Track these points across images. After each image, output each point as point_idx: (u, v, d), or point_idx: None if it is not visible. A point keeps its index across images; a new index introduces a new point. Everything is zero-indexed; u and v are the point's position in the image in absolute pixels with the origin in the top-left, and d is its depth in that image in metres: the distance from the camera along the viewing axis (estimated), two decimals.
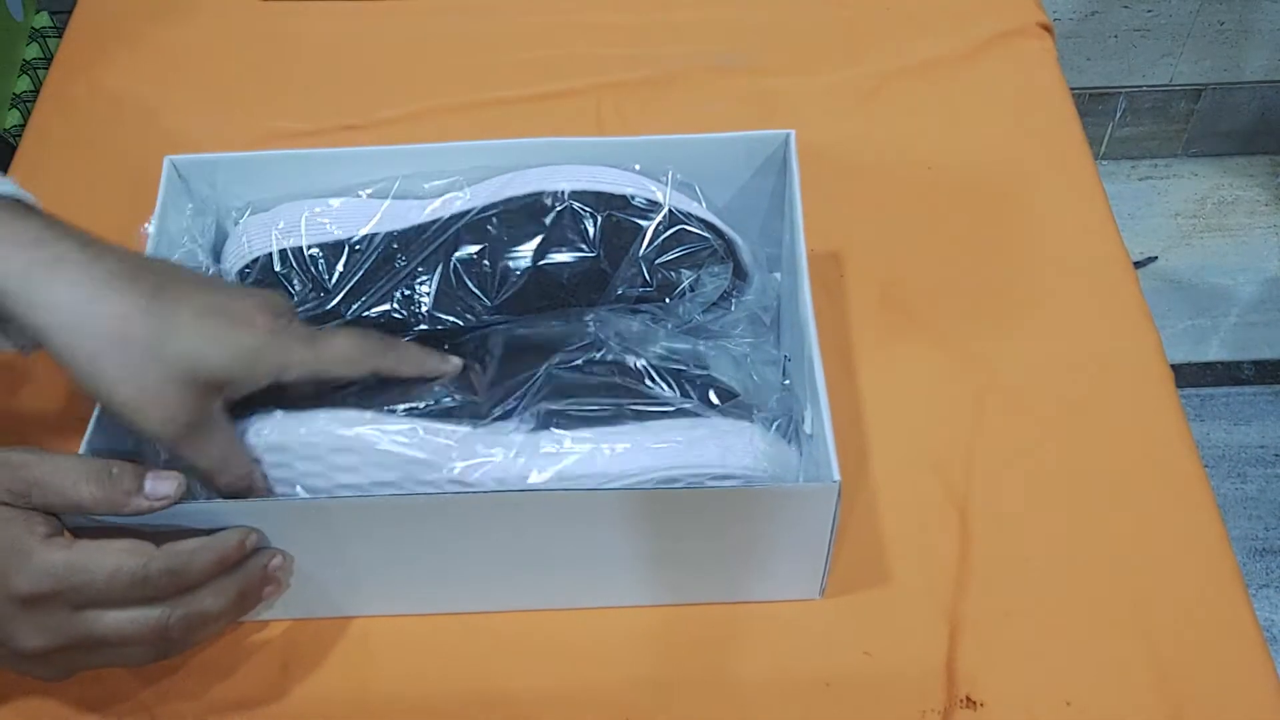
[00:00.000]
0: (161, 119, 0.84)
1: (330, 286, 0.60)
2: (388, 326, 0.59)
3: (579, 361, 0.58)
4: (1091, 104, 1.74)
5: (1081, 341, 0.69)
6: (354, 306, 0.60)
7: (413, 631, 0.58)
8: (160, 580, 0.47)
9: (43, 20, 1.27)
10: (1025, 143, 0.80)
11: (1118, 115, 1.77)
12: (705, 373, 0.60)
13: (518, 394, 0.56)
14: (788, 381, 0.62)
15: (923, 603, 0.59)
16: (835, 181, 0.77)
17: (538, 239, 0.59)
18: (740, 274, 0.63)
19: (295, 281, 0.60)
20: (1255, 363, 1.61)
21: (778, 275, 0.67)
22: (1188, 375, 1.59)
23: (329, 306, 0.60)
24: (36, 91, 1.04)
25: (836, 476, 0.52)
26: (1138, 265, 1.66)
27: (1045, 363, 0.69)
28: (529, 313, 0.60)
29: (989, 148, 0.80)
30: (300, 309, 0.60)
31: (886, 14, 0.89)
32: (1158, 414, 0.66)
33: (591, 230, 0.59)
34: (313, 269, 0.60)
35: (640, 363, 0.58)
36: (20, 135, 0.85)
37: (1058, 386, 0.67)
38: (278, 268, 0.61)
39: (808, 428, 0.58)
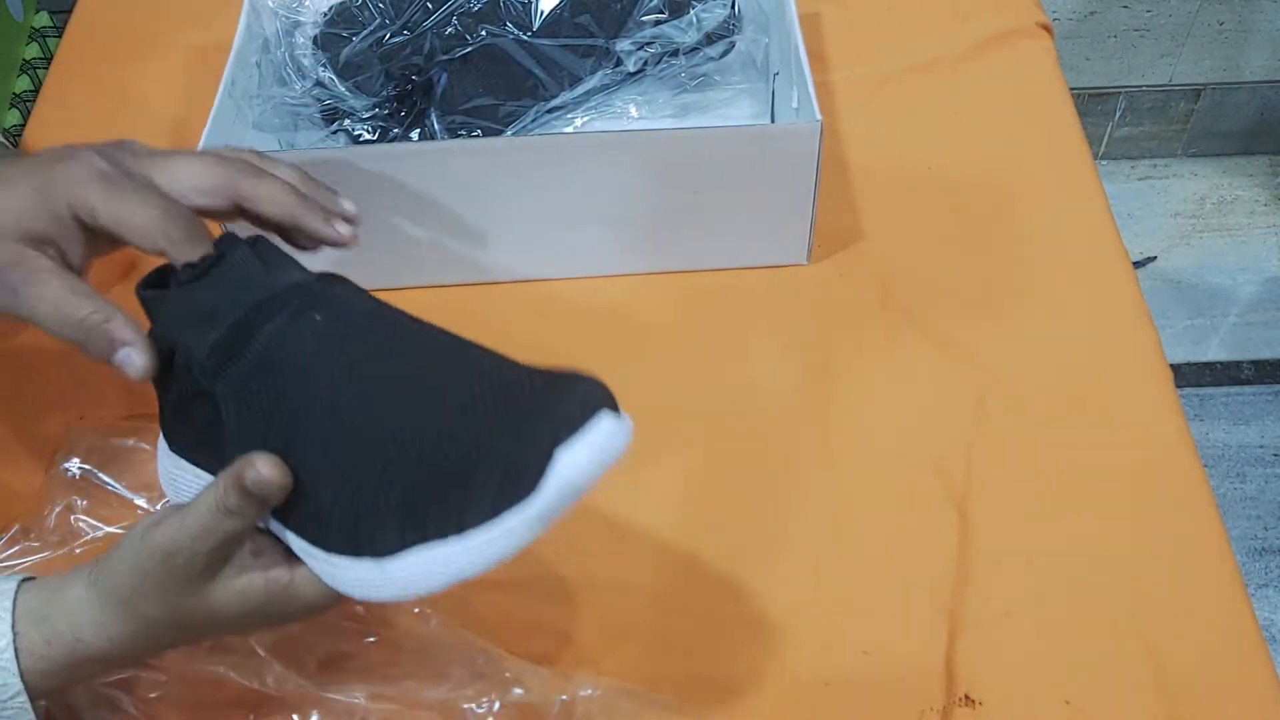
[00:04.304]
0: (162, 119, 0.84)
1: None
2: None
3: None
4: (1091, 104, 1.74)
5: (1081, 341, 0.70)
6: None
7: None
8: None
9: (43, 20, 1.27)
10: (1025, 143, 0.81)
11: (1117, 115, 1.77)
12: None
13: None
14: (777, 72, 0.75)
15: (922, 602, 0.59)
16: (835, 181, 0.78)
17: None
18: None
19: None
20: (1255, 362, 1.61)
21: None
22: (1187, 375, 1.59)
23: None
24: (36, 91, 1.04)
25: (818, 116, 0.60)
26: (1137, 265, 1.66)
27: (1045, 363, 0.69)
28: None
29: (989, 148, 0.80)
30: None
31: (886, 14, 0.89)
32: (1157, 414, 0.66)
33: None
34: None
35: None
36: (20, 135, 0.85)
37: (1057, 386, 0.67)
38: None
39: (794, 104, 0.69)
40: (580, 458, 0.40)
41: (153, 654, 0.50)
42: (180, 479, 0.51)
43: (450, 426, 0.43)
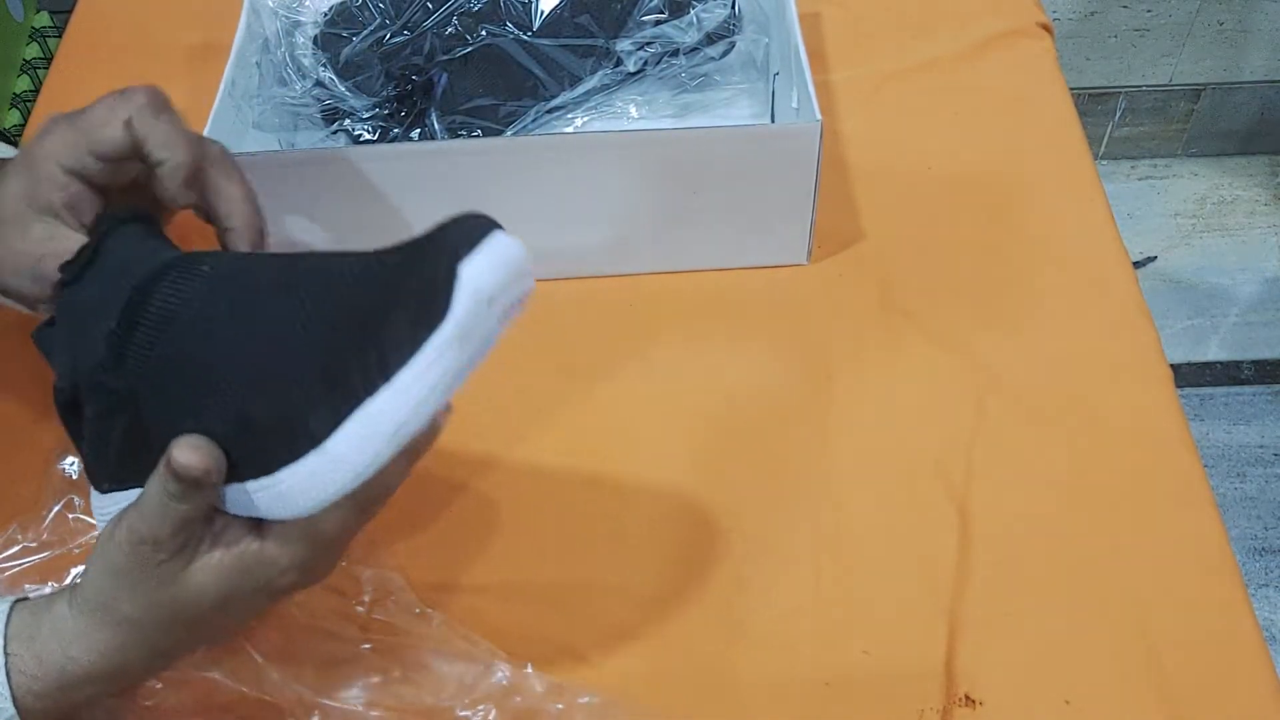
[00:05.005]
0: None
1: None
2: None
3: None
4: (1091, 104, 1.74)
5: (1081, 341, 0.70)
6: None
7: None
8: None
9: (43, 20, 1.27)
10: (1025, 143, 0.81)
11: (1117, 115, 1.77)
12: None
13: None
14: (777, 72, 0.75)
15: (922, 602, 0.59)
16: (835, 181, 0.78)
17: None
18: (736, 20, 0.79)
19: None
20: (1255, 362, 1.61)
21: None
22: (1187, 375, 1.59)
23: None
24: (36, 91, 1.04)
25: (818, 116, 0.60)
26: (1137, 265, 1.66)
27: (1045, 362, 0.69)
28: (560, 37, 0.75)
29: (989, 147, 0.80)
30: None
31: (886, 14, 0.89)
32: (1157, 414, 0.66)
33: None
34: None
35: None
36: (20, 135, 0.85)
37: (1057, 386, 0.67)
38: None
39: (794, 104, 0.69)
40: (482, 265, 0.41)
41: (147, 665, 0.48)
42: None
43: (348, 295, 0.43)
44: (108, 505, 0.50)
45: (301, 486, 0.44)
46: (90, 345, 0.46)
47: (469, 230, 0.42)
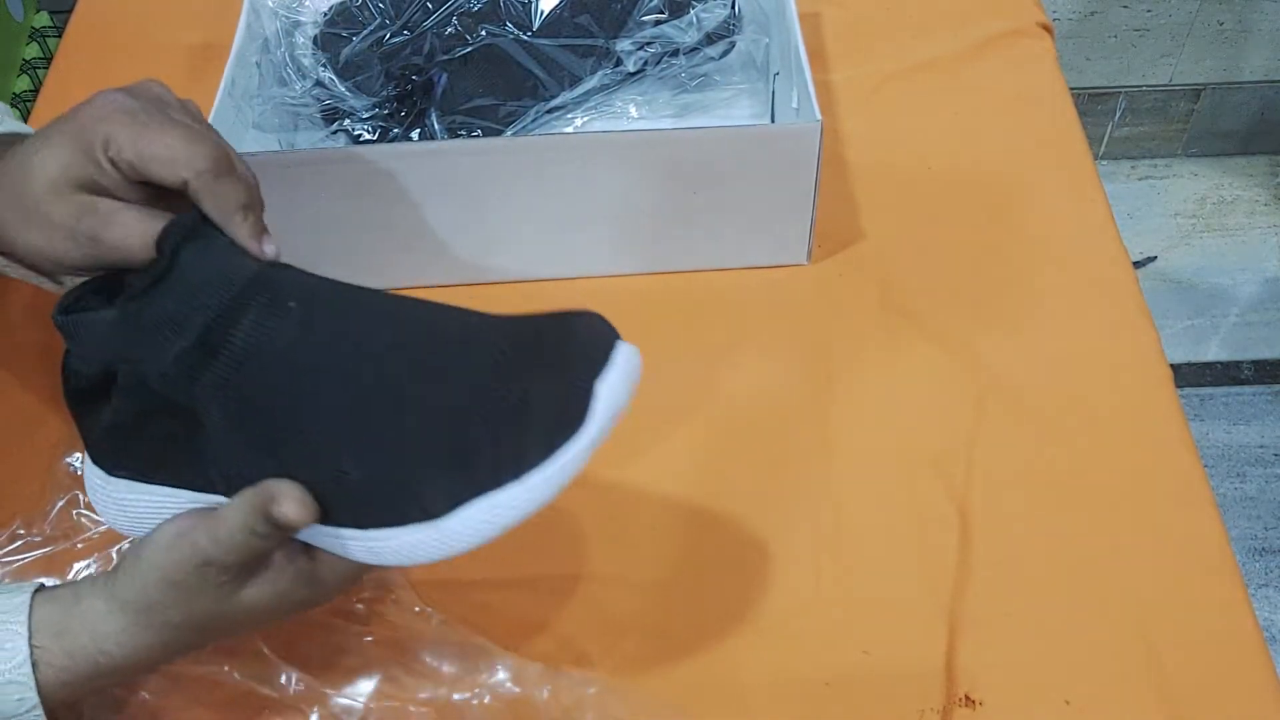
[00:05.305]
0: None
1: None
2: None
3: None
4: (1091, 104, 1.74)
5: (1081, 341, 0.70)
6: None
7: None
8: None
9: (43, 20, 1.27)
10: (1025, 143, 0.81)
11: (1117, 115, 1.77)
12: None
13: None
14: (777, 72, 0.76)
15: (922, 602, 0.59)
16: (835, 181, 0.78)
17: None
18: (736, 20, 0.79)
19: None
20: (1254, 363, 1.61)
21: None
22: (1187, 375, 1.59)
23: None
24: (36, 91, 1.04)
25: (818, 116, 0.60)
26: (1137, 265, 1.66)
27: (1045, 363, 0.69)
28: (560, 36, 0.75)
29: (989, 147, 0.80)
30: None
31: (886, 14, 0.89)
32: (1157, 414, 0.66)
33: None
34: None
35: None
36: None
37: (1058, 386, 0.67)
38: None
39: (794, 104, 0.70)
40: (616, 384, 0.45)
41: (172, 659, 0.50)
42: (137, 504, 0.50)
43: (477, 381, 0.45)
44: (122, 495, 0.50)
45: (399, 548, 0.46)
46: (155, 353, 0.45)
47: (595, 341, 0.46)
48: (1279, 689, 0.56)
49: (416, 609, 0.58)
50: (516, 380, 0.45)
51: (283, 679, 0.56)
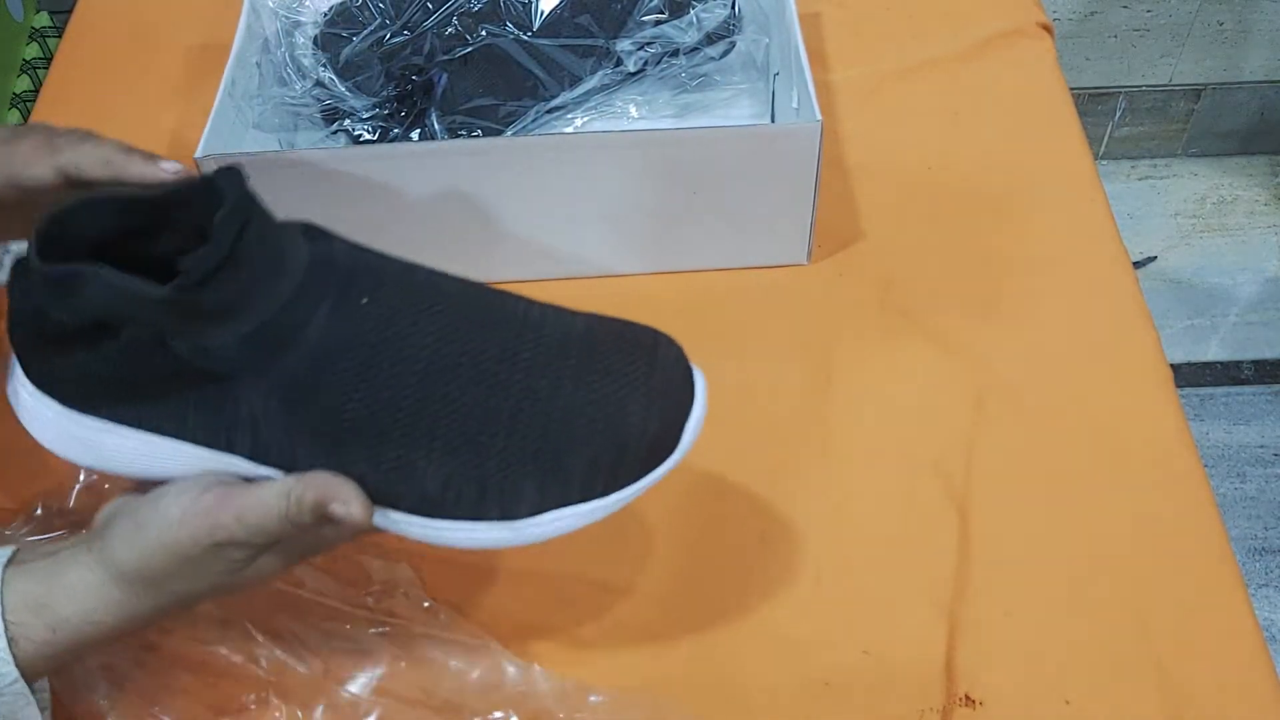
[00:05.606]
0: (162, 119, 0.84)
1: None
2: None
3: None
4: (1091, 104, 1.74)
5: (1081, 341, 0.70)
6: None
7: None
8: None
9: (43, 20, 1.27)
10: (1025, 143, 0.81)
11: (1117, 115, 1.77)
12: None
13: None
14: (777, 72, 0.77)
15: (922, 602, 0.59)
16: (835, 181, 0.78)
17: None
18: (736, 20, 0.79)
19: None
20: (1254, 362, 1.61)
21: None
22: (1187, 375, 1.59)
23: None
24: (36, 91, 1.04)
25: (818, 116, 0.61)
26: (1137, 265, 1.66)
27: (1045, 362, 0.69)
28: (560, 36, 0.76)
29: (989, 147, 0.80)
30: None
31: (886, 14, 0.89)
32: (1157, 414, 0.66)
33: None
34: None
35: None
36: None
37: (1057, 386, 0.67)
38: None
39: (794, 104, 0.70)
40: (697, 422, 0.49)
41: (165, 619, 0.50)
42: (114, 446, 0.48)
43: (570, 403, 0.47)
44: (93, 432, 0.48)
45: (465, 540, 0.47)
46: (204, 334, 0.44)
47: (683, 375, 0.50)
48: (1279, 689, 0.56)
49: (425, 604, 0.58)
50: (615, 404, 0.47)
51: (294, 668, 0.56)
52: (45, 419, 0.49)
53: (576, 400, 0.47)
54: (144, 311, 0.44)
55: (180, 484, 0.47)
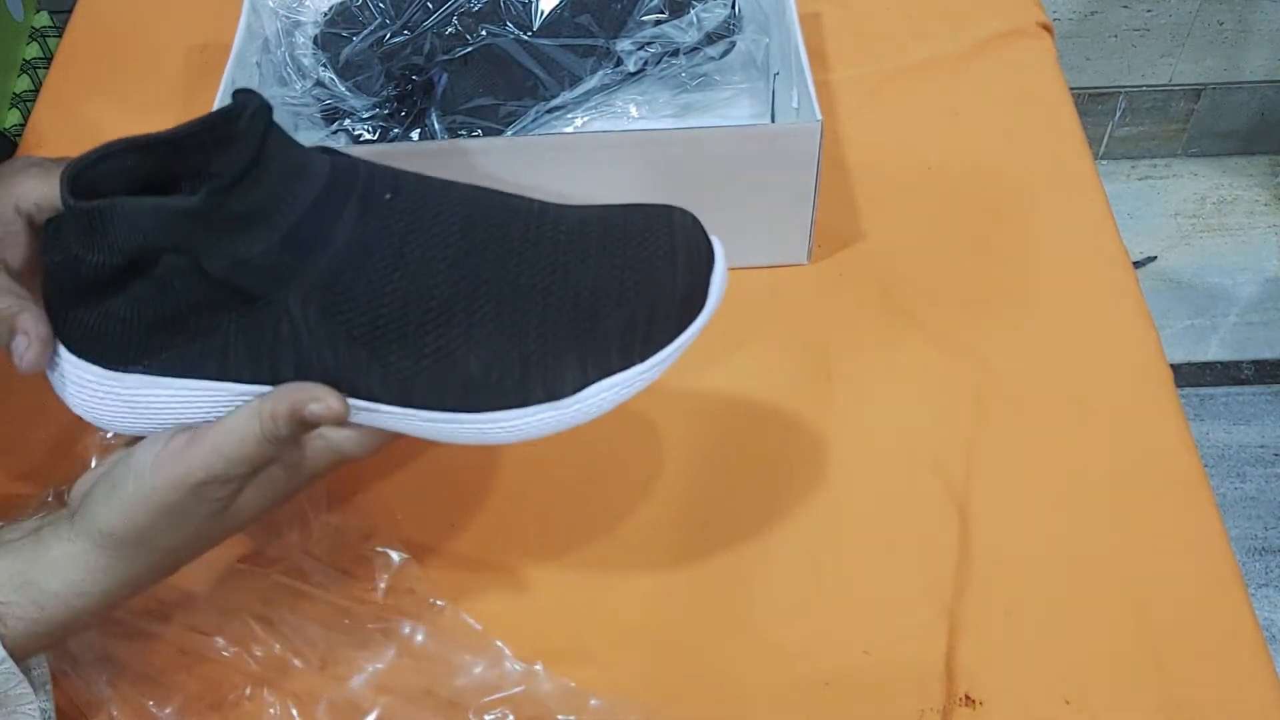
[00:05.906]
0: (162, 119, 0.83)
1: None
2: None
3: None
4: (1091, 104, 1.74)
5: (1081, 341, 0.70)
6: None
7: None
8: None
9: (43, 20, 1.27)
10: (1025, 143, 0.81)
11: (1117, 115, 1.77)
12: None
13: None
14: (777, 72, 0.76)
15: (922, 602, 0.59)
16: (835, 181, 0.78)
17: None
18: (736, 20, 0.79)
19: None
20: (1255, 362, 1.61)
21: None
22: (1187, 375, 1.59)
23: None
24: (36, 91, 1.04)
25: (818, 116, 0.61)
26: (1137, 265, 1.66)
27: (1045, 362, 0.69)
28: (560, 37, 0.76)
29: (989, 148, 0.80)
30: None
31: (886, 14, 0.89)
32: (1157, 414, 0.66)
33: None
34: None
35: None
36: (20, 135, 0.85)
37: (1057, 386, 0.67)
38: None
39: (794, 104, 0.71)
40: (721, 276, 0.50)
41: (157, 583, 0.49)
42: (155, 400, 0.48)
43: (602, 270, 0.48)
44: (133, 389, 0.48)
45: (515, 429, 0.48)
46: (234, 245, 0.44)
47: (701, 237, 0.51)
48: (1279, 689, 0.56)
49: (430, 601, 0.58)
50: (643, 265, 0.48)
51: (296, 665, 0.56)
52: (86, 384, 0.48)
53: (604, 267, 0.48)
54: (178, 229, 0.44)
55: (151, 436, 0.47)
